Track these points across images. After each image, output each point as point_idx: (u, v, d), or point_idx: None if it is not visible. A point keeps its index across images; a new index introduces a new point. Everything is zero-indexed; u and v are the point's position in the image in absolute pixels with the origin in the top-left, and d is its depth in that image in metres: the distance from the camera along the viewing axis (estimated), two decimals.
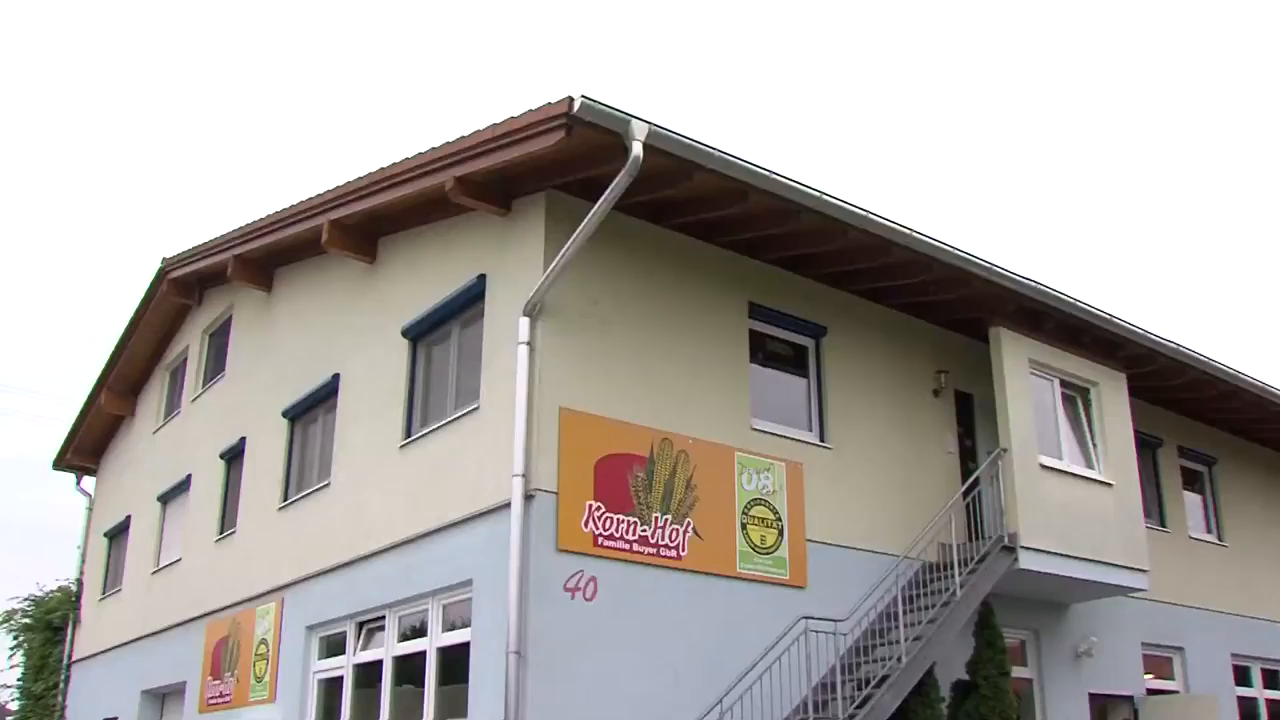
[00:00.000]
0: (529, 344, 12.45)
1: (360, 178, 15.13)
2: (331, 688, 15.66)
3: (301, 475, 17.68)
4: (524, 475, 12.01)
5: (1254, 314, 70.74)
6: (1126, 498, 16.99)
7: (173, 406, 23.79)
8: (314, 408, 17.61)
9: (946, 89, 74.93)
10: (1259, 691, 21.21)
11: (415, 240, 15.67)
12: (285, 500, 17.66)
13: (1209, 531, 21.38)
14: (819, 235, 13.98)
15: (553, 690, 11.72)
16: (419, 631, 14.01)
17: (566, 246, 12.20)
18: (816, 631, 12.72)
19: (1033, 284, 15.50)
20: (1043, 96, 75.00)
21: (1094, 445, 16.94)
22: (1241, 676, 20.87)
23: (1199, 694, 18.97)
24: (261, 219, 18.28)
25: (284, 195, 63.05)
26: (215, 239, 20.05)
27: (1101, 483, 16.69)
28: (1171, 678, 19.51)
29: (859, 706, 12.70)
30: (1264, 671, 21.45)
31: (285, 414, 18.14)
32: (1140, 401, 18.51)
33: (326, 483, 16.44)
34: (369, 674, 14.85)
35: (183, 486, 21.73)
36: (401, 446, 14.73)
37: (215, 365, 22.03)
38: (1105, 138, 74.22)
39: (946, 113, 75.48)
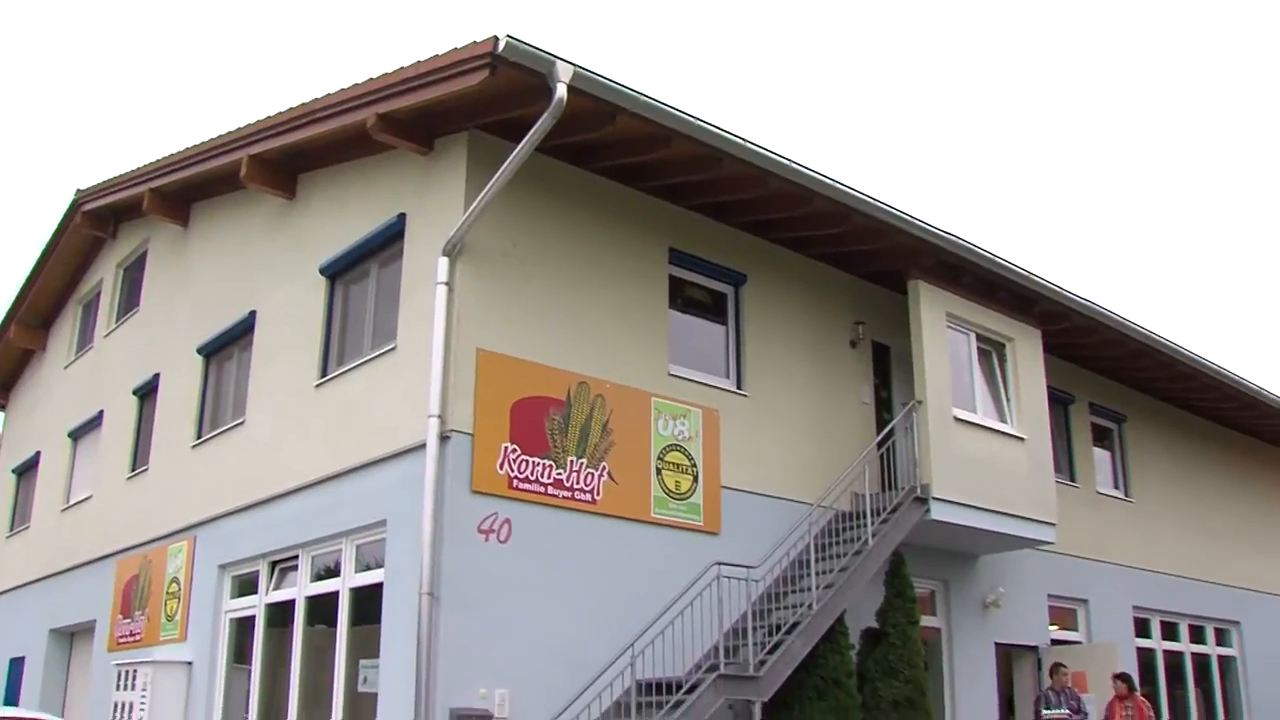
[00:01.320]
0: (448, 284, 12.40)
1: (281, 112, 14.92)
2: (243, 627, 15.62)
3: (216, 413, 17.52)
4: (440, 416, 12.00)
5: (1180, 282, 72.04)
6: (1038, 452, 17.30)
7: (85, 341, 23.40)
8: (229, 345, 17.43)
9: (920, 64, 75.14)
10: (1157, 643, 21.82)
11: (335, 177, 15.50)
12: (199, 438, 17.50)
13: (1116, 487, 21.84)
14: (741, 183, 14.01)
15: (465, 632, 11.77)
16: (332, 571, 14.00)
17: (488, 187, 12.14)
18: (729, 578, 12.82)
19: (952, 238, 15.66)
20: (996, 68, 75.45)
21: (1007, 400, 17.22)
22: (1141, 628, 21.45)
23: (1099, 643, 19.45)
24: (179, 152, 17.96)
25: (204, 129, 61.94)
26: (131, 171, 19.68)
27: (1014, 437, 16.97)
28: (1075, 629, 19.99)
29: (769, 652, 12.89)
30: (1163, 624, 22.06)
31: (200, 350, 17.93)
32: (1054, 358, 18.85)
33: (241, 421, 16.31)
34: (281, 614, 14.83)
35: (94, 422, 21.43)
36: (317, 385, 14.64)
37: (129, 300, 21.70)
38: (1063, 112, 74.92)
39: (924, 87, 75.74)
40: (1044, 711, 16.52)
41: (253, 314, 16.59)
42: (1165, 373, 21.25)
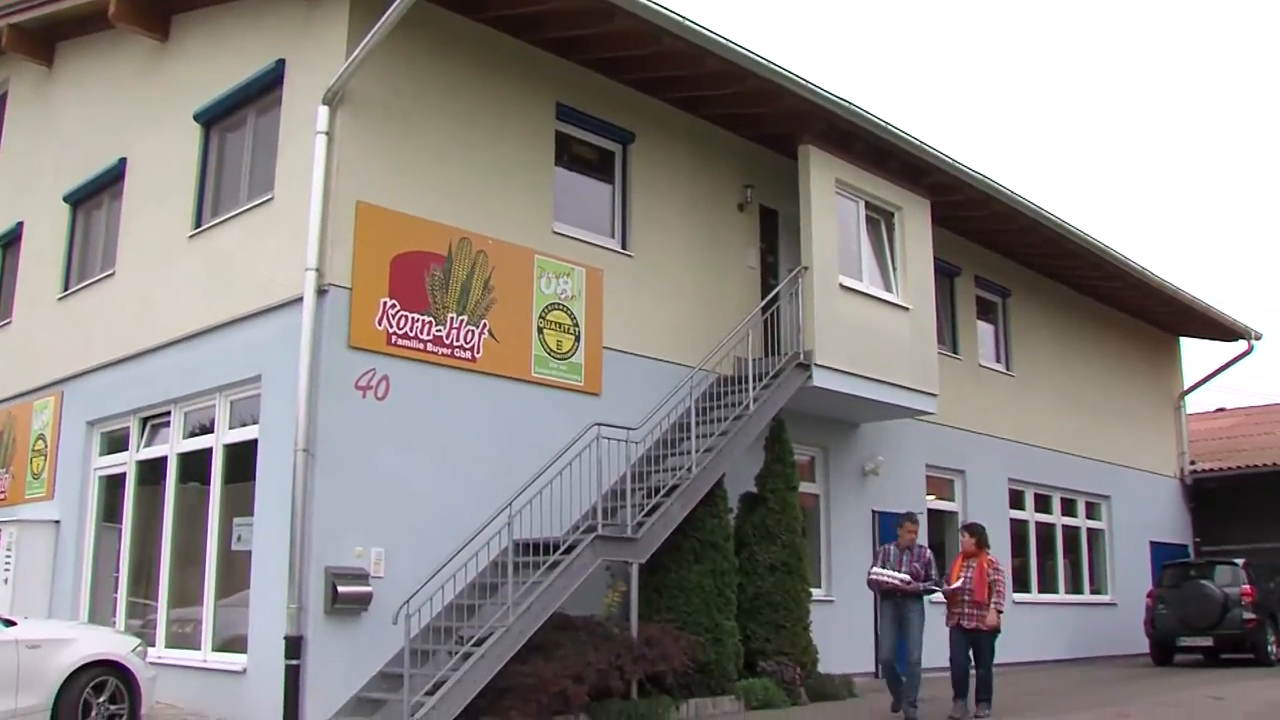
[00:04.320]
0: (327, 134, 12.19)
1: None
2: (113, 485, 15.51)
3: (84, 264, 17.14)
4: (317, 269, 11.88)
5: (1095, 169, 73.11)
6: (922, 323, 17.65)
7: None
8: (98, 192, 16.98)
9: None
10: (1030, 514, 22.67)
11: (211, 19, 15.02)
12: (66, 290, 17.13)
13: (998, 361, 22.39)
14: (632, 38, 13.88)
15: (340, 489, 11.82)
16: (205, 428, 13.91)
17: (371, 34, 11.87)
18: (609, 439, 12.93)
19: (844, 103, 15.71)
20: None
21: (894, 269, 17.47)
22: (1016, 500, 22.23)
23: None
24: None
25: None
26: None
27: (899, 306, 17.27)
28: (952, 499, 20.62)
29: (648, 514, 13.15)
30: (1036, 496, 22.91)
31: (67, 198, 17.45)
32: (942, 230, 19.09)
33: (111, 272, 15.99)
34: (153, 471, 14.73)
35: None
36: (191, 236, 14.38)
37: None
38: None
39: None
40: (874, 569, 13.32)
41: (123, 161, 16.14)
42: (1052, 249, 21.70)
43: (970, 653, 13.56)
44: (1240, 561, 21.88)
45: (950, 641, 13.65)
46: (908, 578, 12.98)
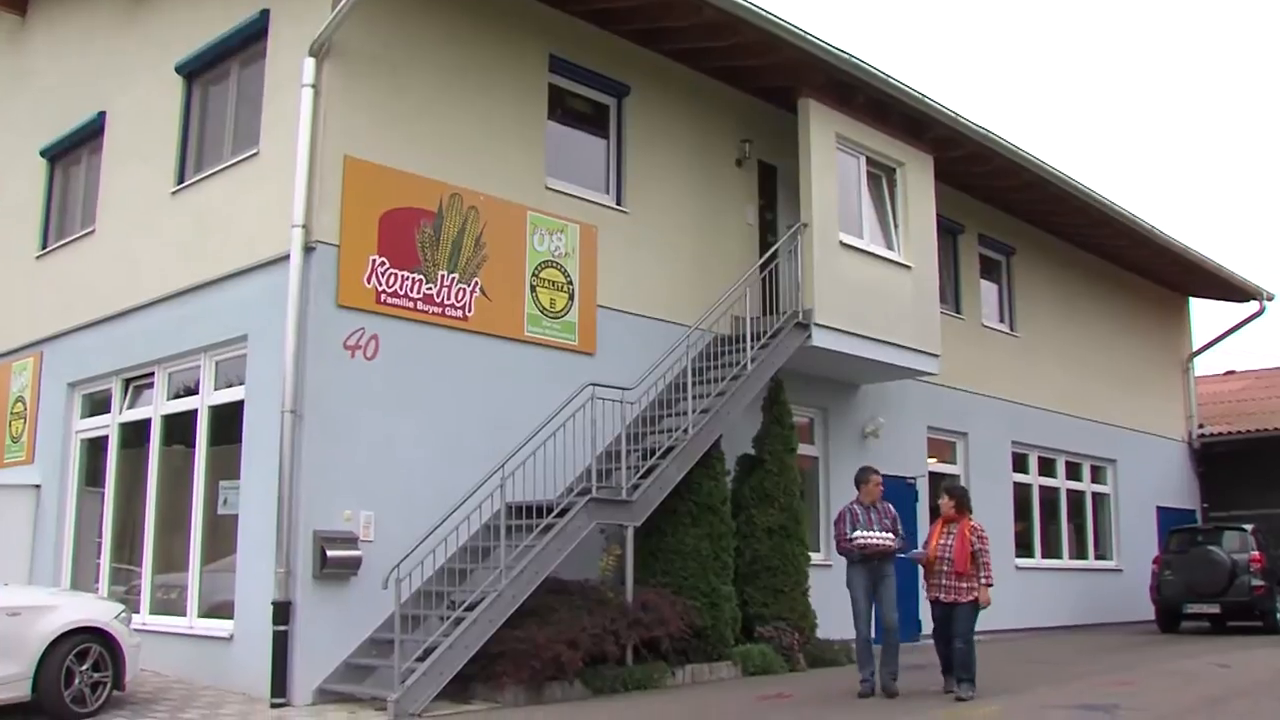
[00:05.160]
0: (314, 87, 12.16)
1: None
2: (95, 448, 15.56)
3: (63, 221, 17.13)
4: (304, 226, 11.90)
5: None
6: (924, 281, 17.69)
7: None
8: (77, 147, 16.96)
9: None
10: (1034, 478, 22.77)
11: None
12: (44, 248, 17.14)
13: (1001, 321, 22.46)
14: None
15: (329, 452, 11.88)
16: (190, 389, 13.95)
17: None
18: (603, 399, 13.04)
19: (844, 55, 15.70)
20: None
21: (895, 226, 17.49)
22: (1019, 464, 22.33)
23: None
24: None
25: None
26: None
27: (900, 265, 17.31)
28: (953, 461, 20.72)
29: (643, 476, 13.21)
30: (1040, 459, 23.00)
31: (44, 153, 17.43)
32: (945, 186, 19.10)
33: (91, 230, 15.97)
34: (136, 434, 14.77)
35: None
36: (174, 193, 14.36)
37: None
38: None
39: None
40: (852, 534, 12.23)
41: (102, 115, 16.09)
42: (1058, 206, 21.72)
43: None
44: (1249, 527, 22.00)
45: (933, 617, 12.42)
46: (892, 537, 12.18)
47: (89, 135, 16.50)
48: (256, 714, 10.91)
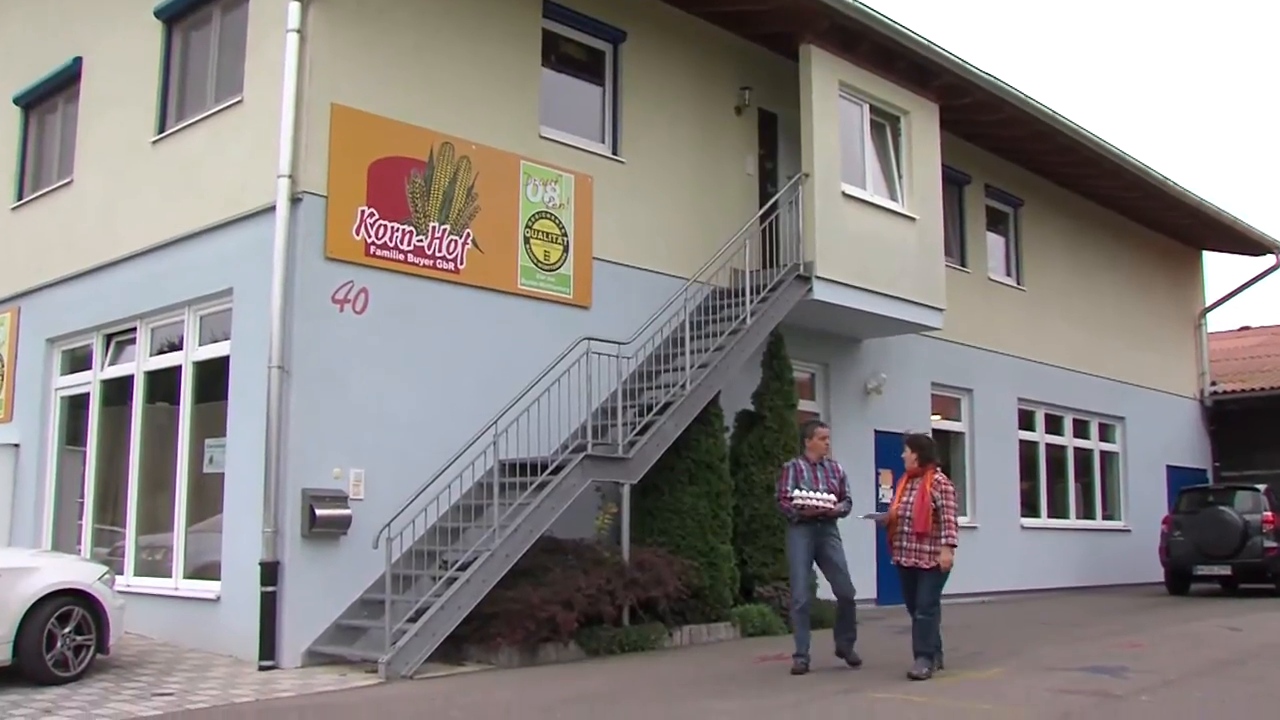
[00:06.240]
0: (299, 32, 12.12)
1: None
2: (76, 406, 15.61)
3: (39, 171, 17.12)
4: (290, 176, 11.91)
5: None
6: (928, 234, 17.72)
7: None
8: (52, 95, 16.91)
9: None
10: (1040, 436, 22.86)
11: None
12: (19, 199, 17.13)
13: (1008, 274, 22.49)
14: None
15: (318, 407, 11.95)
16: (174, 345, 13.99)
17: None
18: (599, 354, 13.07)
19: (849, 0, 15.66)
20: None
21: (899, 177, 17.48)
22: (1026, 420, 22.42)
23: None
24: None
25: None
26: None
27: (904, 216, 17.33)
28: (958, 419, 20.80)
29: (640, 433, 13.28)
30: (1047, 416, 23.08)
31: (17, 100, 17.37)
32: (951, 136, 19.10)
33: (68, 180, 15.95)
34: (118, 391, 14.82)
35: None
36: (154, 142, 14.35)
37: None
38: None
39: None
40: (794, 492, 11.24)
41: (78, 60, 16.03)
42: (1068, 157, 21.70)
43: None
44: (1262, 487, 22.05)
45: (900, 582, 11.45)
46: (834, 499, 11.29)
47: (65, 82, 16.45)
48: (244, 677, 10.99)
